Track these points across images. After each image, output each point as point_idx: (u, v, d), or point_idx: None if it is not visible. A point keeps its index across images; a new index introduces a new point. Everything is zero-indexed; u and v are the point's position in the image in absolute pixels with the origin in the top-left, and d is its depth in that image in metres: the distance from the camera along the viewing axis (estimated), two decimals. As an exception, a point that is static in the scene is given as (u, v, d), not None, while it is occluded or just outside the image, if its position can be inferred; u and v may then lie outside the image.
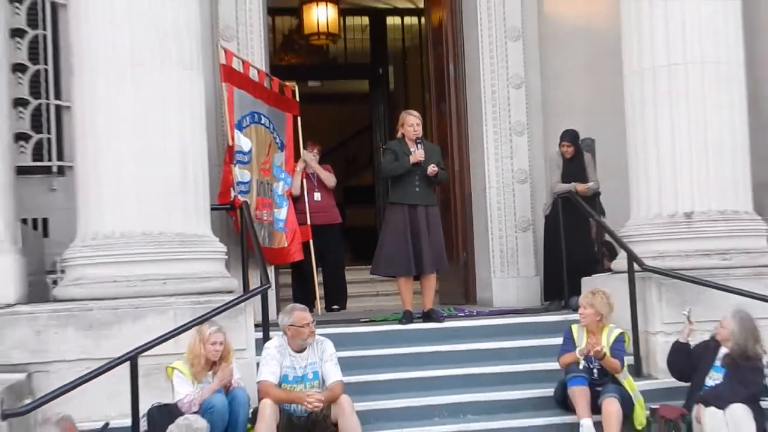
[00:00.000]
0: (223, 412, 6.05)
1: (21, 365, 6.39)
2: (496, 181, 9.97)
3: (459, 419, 6.87)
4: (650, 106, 7.82)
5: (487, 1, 9.97)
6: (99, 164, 6.84)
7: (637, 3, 7.88)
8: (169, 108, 6.90)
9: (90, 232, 6.86)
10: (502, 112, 9.96)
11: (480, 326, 8.26)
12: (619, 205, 8.60)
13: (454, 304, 9.91)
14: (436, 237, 8.39)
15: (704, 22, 7.66)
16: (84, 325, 6.52)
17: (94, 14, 6.86)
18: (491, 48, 9.98)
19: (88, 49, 6.88)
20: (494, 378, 7.37)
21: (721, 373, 6.52)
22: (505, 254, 9.93)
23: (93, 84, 6.87)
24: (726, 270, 7.45)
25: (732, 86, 7.76)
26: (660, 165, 7.77)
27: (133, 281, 6.69)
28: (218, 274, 7.04)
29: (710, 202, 7.65)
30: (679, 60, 7.67)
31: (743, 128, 7.83)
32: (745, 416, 6.17)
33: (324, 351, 6.49)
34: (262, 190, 9.12)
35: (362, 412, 6.38)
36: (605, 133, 9.27)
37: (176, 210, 6.88)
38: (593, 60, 9.79)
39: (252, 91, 9.12)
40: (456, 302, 10.11)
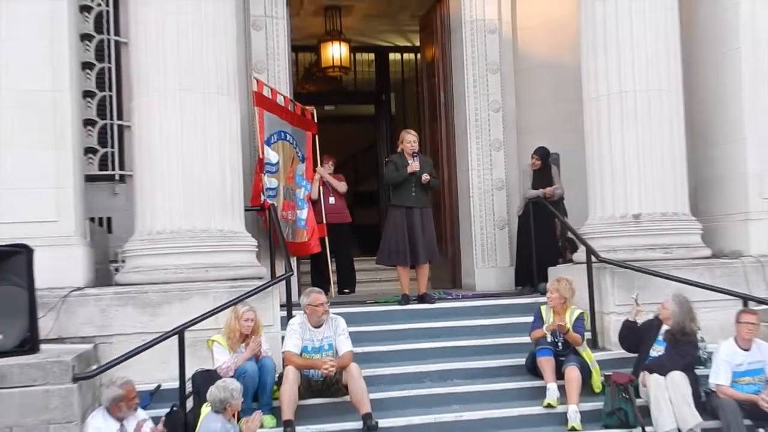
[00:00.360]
0: (254, 376, 6.10)
1: (89, 338, 6.45)
2: (478, 188, 9.95)
3: (447, 383, 6.92)
4: (605, 126, 7.83)
5: (471, 41, 9.96)
6: (153, 173, 6.92)
7: (594, 42, 7.90)
8: (210, 127, 6.95)
9: (146, 229, 6.93)
10: (483, 131, 9.95)
11: (465, 307, 8.29)
12: (579, 208, 8.56)
13: (443, 288, 9.83)
14: (429, 233, 8.44)
15: (650, 57, 7.68)
16: (140, 305, 6.58)
17: (149, 52, 6.95)
18: (474, 79, 9.96)
19: (145, 79, 6.97)
20: (476, 349, 7.40)
21: (662, 346, 6.53)
22: (485, 248, 9.92)
23: (148, 108, 6.95)
24: (667, 261, 7.47)
25: (672, 110, 7.77)
26: (613, 175, 7.77)
27: (180, 269, 6.74)
28: (250, 264, 7.09)
29: (654, 206, 7.66)
30: (629, 88, 7.69)
31: (681, 144, 7.84)
32: (682, 381, 6.20)
33: (337, 326, 6.56)
34: (287, 195, 9.12)
35: (368, 376, 6.42)
36: (568, 148, 9.21)
37: (216, 211, 6.94)
38: (558, 89, 9.72)
39: (279, 114, 9.14)
40: (445, 287, 10.04)
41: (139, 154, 7.08)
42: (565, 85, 9.39)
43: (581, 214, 8.36)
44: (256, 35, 9.35)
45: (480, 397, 6.70)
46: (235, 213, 7.14)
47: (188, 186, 6.86)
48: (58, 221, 6.84)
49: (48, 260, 6.07)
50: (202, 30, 6.97)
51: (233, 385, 5.53)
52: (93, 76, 8.84)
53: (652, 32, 7.71)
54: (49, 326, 6.26)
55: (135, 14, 7.12)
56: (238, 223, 7.16)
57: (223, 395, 5.41)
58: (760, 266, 7.82)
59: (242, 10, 9.07)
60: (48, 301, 6.27)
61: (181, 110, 6.89)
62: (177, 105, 6.89)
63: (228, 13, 7.24)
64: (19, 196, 6.75)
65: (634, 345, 6.85)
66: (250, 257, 7.13)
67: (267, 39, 9.40)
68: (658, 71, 7.72)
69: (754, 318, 6.45)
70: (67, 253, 6.75)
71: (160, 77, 6.91)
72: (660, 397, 6.19)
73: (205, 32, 6.98)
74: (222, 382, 5.57)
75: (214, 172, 6.96)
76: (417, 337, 7.58)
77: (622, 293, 7.34)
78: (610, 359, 7.08)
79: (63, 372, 5.28)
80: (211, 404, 5.49)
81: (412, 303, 8.27)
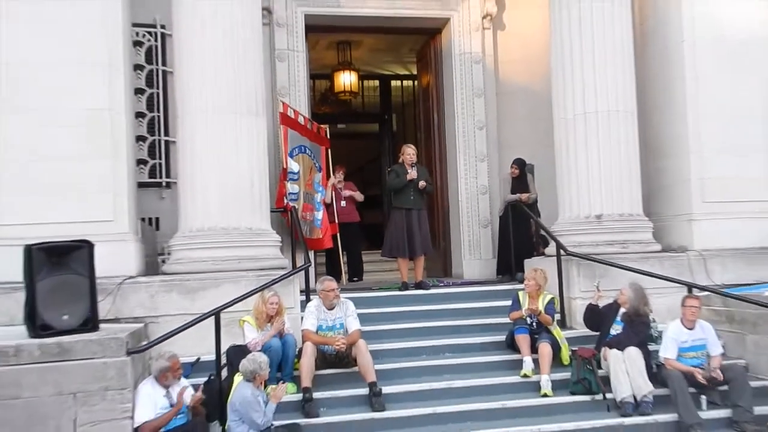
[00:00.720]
0: (278, 350, 6.13)
1: (140, 318, 6.47)
2: (466, 193, 9.97)
3: (440, 356, 6.94)
4: (572, 141, 7.85)
5: (460, 71, 9.99)
6: (193, 181, 6.94)
7: (563, 71, 7.92)
8: (242, 142, 6.98)
9: (187, 227, 6.96)
10: (470, 146, 9.98)
11: (454, 293, 8.29)
12: (550, 210, 8.56)
13: (437, 277, 9.89)
14: (425, 231, 8.48)
15: (609, 83, 7.69)
16: (183, 291, 6.61)
17: (190, 79, 6.99)
18: (462, 102, 9.99)
19: (188, 102, 7.00)
20: (464, 328, 7.41)
21: (620, 325, 6.54)
22: (471, 243, 9.94)
23: (190, 126, 6.98)
24: (624, 255, 7.47)
25: (628, 127, 7.78)
26: (578, 182, 7.80)
27: (216, 261, 6.77)
28: (275, 256, 7.10)
29: (613, 208, 7.68)
30: (592, 110, 7.71)
31: (635, 156, 7.84)
32: (637, 355, 6.22)
33: (347, 308, 6.58)
34: (306, 199, 9.12)
35: (373, 351, 6.46)
36: (541, 160, 9.24)
37: (246, 212, 6.95)
38: (533, 110, 9.74)
39: (299, 131, 9.16)
40: (438, 276, 10.09)
41: (182, 165, 7.10)
42: (539, 108, 9.42)
43: (552, 215, 8.36)
44: (280, 65, 9.39)
45: (467, 368, 6.70)
46: (262, 214, 7.15)
47: (223, 191, 6.87)
48: (115, 221, 6.84)
49: (106, 254, 6.12)
50: (235, 61, 6.99)
51: (261, 359, 5.57)
52: (144, 100, 8.87)
53: (611, 66, 7.72)
54: (107, 308, 6.29)
55: (179, 49, 7.15)
56: (264, 222, 7.16)
57: (253, 367, 5.47)
58: (702, 259, 7.83)
59: (269, 45, 9.14)
60: (106, 288, 6.30)
61: (217, 128, 6.90)
62: (214, 124, 6.90)
63: (256, 47, 7.25)
64: (83, 200, 6.75)
65: (596, 325, 6.84)
66: (274, 251, 7.14)
67: (289, 69, 9.45)
68: (616, 96, 7.73)
69: (697, 302, 6.48)
70: (122, 247, 6.76)
71: (200, 100, 6.93)
72: (618, 369, 6.20)
73: (237, 63, 7.00)
74: (252, 355, 5.60)
75: (245, 179, 6.97)
76: (414, 317, 7.59)
77: (586, 281, 7.35)
78: (576, 336, 7.09)
79: (118, 347, 5.27)
80: (242, 374, 5.52)
81: (410, 289, 8.29)
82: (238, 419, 5.42)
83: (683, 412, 5.97)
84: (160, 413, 5.29)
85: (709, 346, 6.42)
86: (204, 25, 6.94)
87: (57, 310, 5.43)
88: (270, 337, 6.16)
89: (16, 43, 6.70)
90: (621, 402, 6.12)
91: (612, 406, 6.17)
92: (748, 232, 8.06)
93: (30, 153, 6.68)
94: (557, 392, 6.33)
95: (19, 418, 4.97)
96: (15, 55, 6.70)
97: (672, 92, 8.41)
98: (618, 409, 6.12)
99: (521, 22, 10.11)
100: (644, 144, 8.32)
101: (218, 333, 5.97)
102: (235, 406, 5.44)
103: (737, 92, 8.21)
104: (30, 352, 5.09)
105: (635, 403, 6.11)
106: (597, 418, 6.01)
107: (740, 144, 8.20)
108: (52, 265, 5.48)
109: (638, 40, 8.57)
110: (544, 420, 6.00)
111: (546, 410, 6.15)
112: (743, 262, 7.92)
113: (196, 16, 6.96)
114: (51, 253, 5.49)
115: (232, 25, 6.99)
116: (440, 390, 6.35)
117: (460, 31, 10.02)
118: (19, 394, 5.00)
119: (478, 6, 9.98)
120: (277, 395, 5.57)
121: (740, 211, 8.10)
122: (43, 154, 6.69)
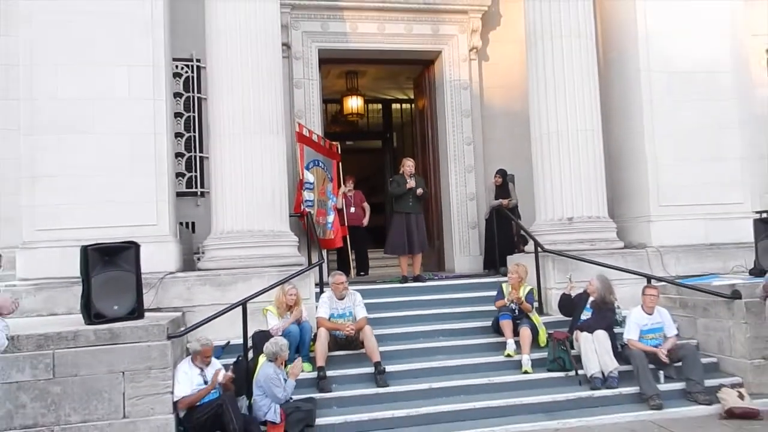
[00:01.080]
0: (296, 335, 6.10)
1: (178, 308, 6.46)
2: (456, 199, 9.86)
3: (434, 339, 6.89)
4: (546, 155, 7.77)
5: (450, 95, 9.90)
6: (223, 191, 6.91)
7: (538, 96, 7.86)
8: (264, 158, 6.94)
9: (218, 230, 6.92)
10: (459, 159, 9.87)
11: (447, 285, 8.22)
12: (529, 213, 8.47)
13: (432, 271, 9.81)
14: (422, 232, 8.41)
15: (578, 105, 7.64)
16: (215, 284, 6.57)
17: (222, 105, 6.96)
18: (453, 122, 9.88)
19: (220, 124, 6.98)
20: (455, 315, 7.34)
21: (590, 312, 6.52)
22: (461, 242, 9.82)
23: (221, 144, 6.95)
24: (593, 251, 7.40)
25: (594, 143, 7.71)
26: (552, 189, 7.72)
27: (243, 259, 6.74)
28: (293, 255, 7.04)
29: (583, 211, 7.61)
30: (564, 129, 7.66)
31: (601, 168, 7.76)
32: (604, 338, 6.20)
33: (355, 299, 6.53)
34: (320, 205, 9.06)
35: (378, 335, 6.41)
36: (520, 170, 9.17)
37: (268, 216, 6.91)
38: (513, 129, 9.66)
39: (314, 147, 9.11)
40: (433, 270, 10.01)
41: (214, 177, 7.07)
42: (517, 126, 9.39)
43: (530, 217, 8.29)
44: (297, 92, 9.35)
45: (458, 350, 6.66)
46: (282, 218, 7.10)
47: (248, 199, 6.83)
48: (157, 225, 6.82)
49: (150, 253, 6.20)
50: (259, 89, 6.95)
51: (282, 342, 5.60)
52: (182, 122, 8.85)
53: (579, 91, 7.66)
54: (150, 299, 6.26)
55: (211, 80, 7.13)
56: (284, 226, 7.12)
57: (275, 349, 5.49)
58: (659, 254, 7.76)
59: (288, 75, 9.11)
60: (150, 282, 6.28)
61: (243, 147, 6.87)
62: (240, 143, 6.87)
63: (277, 78, 7.20)
64: (131, 207, 6.76)
65: (569, 311, 6.81)
66: (293, 250, 7.09)
67: (305, 94, 9.39)
68: (583, 117, 7.67)
69: (655, 291, 6.46)
70: (163, 247, 6.73)
71: (229, 123, 6.91)
72: (588, 349, 6.17)
73: (261, 91, 6.96)
74: (274, 339, 5.62)
75: (267, 189, 6.92)
76: (413, 306, 7.52)
77: (560, 274, 7.28)
78: (551, 321, 7.02)
79: (160, 332, 5.26)
80: (266, 355, 5.51)
81: (409, 282, 8.22)
82: (262, 394, 5.41)
83: (644, 385, 5.95)
84: (195, 389, 5.27)
85: (665, 329, 6.38)
86: (232, 60, 6.92)
87: (108, 301, 5.50)
88: (289, 324, 6.11)
89: (77, 83, 6.74)
90: (591, 377, 6.09)
91: (583, 381, 6.14)
92: (696, 231, 8.00)
93: (87, 168, 6.70)
94: (536, 369, 6.30)
95: (78, 392, 5.06)
96: (76, 92, 6.74)
97: (631, 113, 8.36)
98: (588, 383, 6.09)
99: (502, 55, 10.05)
100: (608, 156, 8.26)
101: (245, 320, 5.95)
102: (260, 382, 5.43)
103: (685, 113, 8.19)
104: (86, 337, 5.14)
105: (603, 378, 6.09)
106: (570, 392, 6.00)
107: (688, 157, 8.16)
108: (104, 263, 5.57)
109: (602, 68, 8.56)
110: (525, 393, 5.98)
111: (527, 385, 6.12)
112: (693, 256, 7.86)
113: (225, 53, 6.95)
114: (103, 253, 5.59)
115: (257, 60, 6.96)
116: (435, 368, 6.31)
117: (451, 62, 9.95)
118: (77, 372, 5.08)
119: (465, 41, 9.94)
120: (294, 372, 5.55)
121: (690, 213, 8.05)
122: (98, 170, 6.72)
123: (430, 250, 9.62)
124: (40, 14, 6.74)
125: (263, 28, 7.03)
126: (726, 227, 8.02)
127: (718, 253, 7.94)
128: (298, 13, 9.34)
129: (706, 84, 8.25)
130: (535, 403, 5.83)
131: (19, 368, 4.95)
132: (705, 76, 8.26)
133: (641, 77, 8.19)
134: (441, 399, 5.88)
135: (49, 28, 6.72)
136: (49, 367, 5.01)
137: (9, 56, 7.90)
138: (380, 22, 9.61)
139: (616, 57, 8.63)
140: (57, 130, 6.67)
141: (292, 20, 9.27)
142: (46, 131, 6.66)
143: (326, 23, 9.48)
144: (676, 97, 8.19)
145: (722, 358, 6.45)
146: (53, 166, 6.64)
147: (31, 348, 4.99)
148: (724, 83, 8.30)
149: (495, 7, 10.05)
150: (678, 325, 6.62)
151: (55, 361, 5.02)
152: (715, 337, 6.54)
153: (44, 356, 5.00)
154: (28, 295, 6.36)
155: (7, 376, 4.91)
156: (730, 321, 6.34)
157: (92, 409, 5.05)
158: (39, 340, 5.01)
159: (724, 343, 6.43)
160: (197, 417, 5.19)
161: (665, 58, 8.19)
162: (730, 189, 8.22)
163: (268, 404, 5.37)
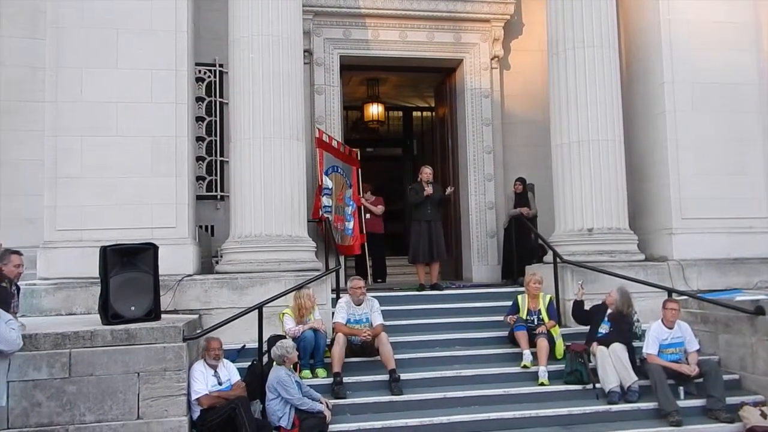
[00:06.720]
0: (311, 340, 6.09)
1: (195, 310, 6.47)
2: (475, 208, 9.78)
3: (450, 348, 6.83)
4: (567, 165, 7.69)
5: (471, 103, 9.82)
6: (243, 195, 6.91)
7: (559, 105, 7.78)
8: (284, 163, 6.94)
9: (237, 234, 6.93)
10: (479, 167, 9.79)
11: (465, 293, 8.16)
12: (548, 223, 8.40)
13: (449, 280, 9.75)
14: (440, 239, 8.36)
15: (600, 116, 7.55)
16: (232, 287, 6.58)
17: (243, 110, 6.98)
18: (473, 130, 9.81)
19: (240, 128, 7.00)
20: (472, 324, 7.27)
21: (608, 325, 6.45)
22: (480, 251, 9.72)
23: (241, 149, 6.96)
24: (612, 263, 7.31)
25: (616, 154, 7.61)
26: (573, 200, 7.63)
27: (261, 263, 6.73)
28: (310, 260, 7.03)
29: (603, 222, 7.51)
30: (585, 138, 7.57)
31: (622, 178, 7.67)
32: (622, 351, 6.12)
33: (372, 305, 6.51)
34: (338, 211, 9.04)
35: (394, 342, 6.37)
36: (540, 180, 9.12)
37: (286, 221, 6.90)
38: (533, 138, 9.56)
39: (333, 153, 9.10)
40: (451, 279, 9.94)
41: (234, 181, 7.08)
42: (538, 136, 9.29)
43: (549, 228, 8.21)
44: (318, 98, 9.35)
45: (474, 360, 6.60)
46: (300, 223, 7.09)
47: (267, 204, 6.83)
48: (176, 227, 6.85)
49: (168, 255, 6.20)
50: (280, 95, 6.96)
51: (287, 344, 5.64)
52: (203, 126, 8.89)
53: (601, 101, 7.57)
54: (168, 301, 6.28)
55: (233, 86, 7.15)
56: (302, 231, 7.11)
57: (280, 352, 5.54)
58: (680, 267, 7.63)
59: (309, 81, 9.11)
60: (167, 284, 6.31)
61: (263, 152, 6.87)
62: (261, 148, 6.87)
63: (298, 84, 7.22)
64: (151, 209, 6.81)
65: (583, 319, 6.73)
66: (310, 255, 7.08)
67: (326, 101, 9.38)
68: (606, 126, 7.57)
69: (676, 305, 6.36)
70: (182, 250, 6.76)
71: (249, 127, 6.92)
72: (606, 363, 6.08)
73: (282, 97, 6.97)
74: (279, 342, 5.67)
75: (286, 194, 6.92)
76: (429, 314, 7.47)
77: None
78: (569, 333, 6.94)
79: (176, 334, 5.27)
80: (274, 359, 5.55)
81: (426, 290, 8.18)
82: (275, 397, 5.40)
83: (663, 401, 5.84)
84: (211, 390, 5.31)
85: (686, 344, 6.28)
86: (254, 65, 6.94)
87: (126, 302, 5.52)
88: (307, 328, 6.10)
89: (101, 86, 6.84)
90: (609, 391, 6.01)
91: (600, 394, 6.05)
92: (719, 245, 7.86)
93: (108, 170, 6.79)
94: (552, 382, 6.22)
95: (93, 392, 5.07)
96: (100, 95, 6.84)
97: (654, 124, 8.26)
98: (606, 397, 6.00)
99: (524, 63, 9.98)
100: (630, 167, 8.16)
101: (261, 324, 5.95)
102: (272, 386, 5.42)
103: (708, 126, 8.09)
104: (103, 337, 5.15)
105: (621, 392, 5.99)
106: (587, 405, 5.93)
107: (712, 169, 8.05)
108: (122, 264, 5.59)
109: (625, 79, 8.47)
110: (541, 405, 5.90)
111: (543, 397, 6.05)
112: (715, 270, 7.73)
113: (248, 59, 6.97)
114: (122, 254, 5.62)
115: (279, 66, 6.97)
116: (450, 378, 6.25)
117: (472, 71, 9.90)
118: (93, 371, 5.09)
119: (487, 49, 9.88)
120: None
121: (712, 226, 7.93)
122: (119, 172, 6.80)
123: (449, 259, 9.54)
124: (67, 19, 6.86)
125: (286, 34, 7.06)
126: (749, 241, 7.90)
127: (740, 267, 7.80)
128: (320, 20, 9.37)
129: (730, 96, 8.16)
130: (552, 415, 5.75)
131: (36, 366, 4.98)
132: (730, 89, 8.16)
133: (665, 88, 8.11)
134: (455, 409, 5.81)
135: (75, 32, 6.84)
136: (65, 366, 5.03)
137: (36, 59, 8.03)
138: (402, 29, 9.61)
139: (640, 67, 8.55)
140: (80, 132, 6.77)
141: (314, 27, 9.30)
142: (69, 133, 6.76)
143: (348, 30, 9.50)
144: (700, 109, 8.08)
145: (744, 376, 6.32)
146: (75, 168, 6.73)
147: (49, 347, 5.02)
148: (748, 96, 8.20)
149: (517, 16, 10.00)
150: (699, 341, 6.49)
151: (71, 360, 5.04)
152: (738, 353, 6.41)
153: (61, 355, 5.03)
154: (48, 294, 6.43)
155: (24, 374, 4.94)
156: (753, 337, 6.21)
157: (107, 409, 5.06)
158: (56, 338, 5.04)
159: (746, 359, 6.30)
160: (211, 420, 5.20)
161: (689, 69, 8.10)
162: (753, 203, 8.09)
163: (282, 409, 5.35)
